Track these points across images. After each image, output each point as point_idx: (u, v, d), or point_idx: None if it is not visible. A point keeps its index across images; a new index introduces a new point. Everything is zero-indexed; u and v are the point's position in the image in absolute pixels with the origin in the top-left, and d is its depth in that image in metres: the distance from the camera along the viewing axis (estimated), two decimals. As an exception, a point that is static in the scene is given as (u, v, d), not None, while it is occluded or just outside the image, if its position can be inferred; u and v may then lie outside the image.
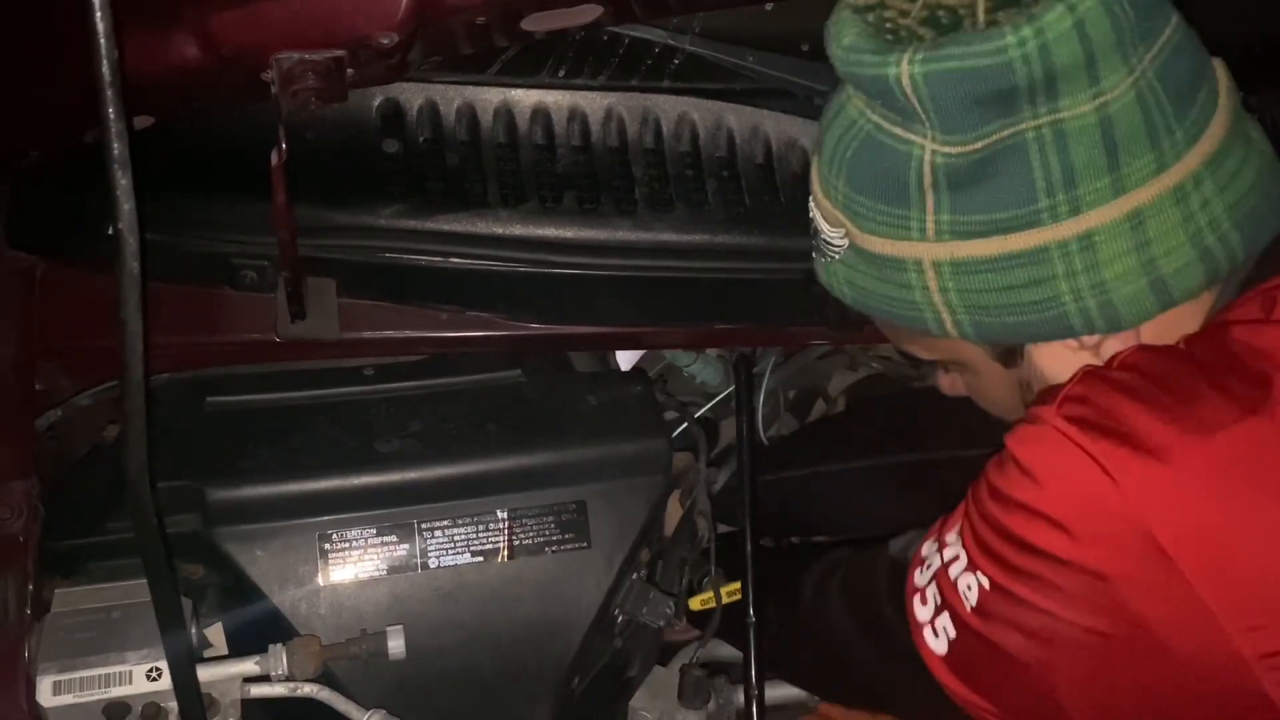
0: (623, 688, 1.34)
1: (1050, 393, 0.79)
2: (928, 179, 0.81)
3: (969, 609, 0.80)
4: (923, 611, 0.84)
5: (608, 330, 1.26)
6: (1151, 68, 0.78)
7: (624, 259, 1.18)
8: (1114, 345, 0.84)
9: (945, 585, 0.82)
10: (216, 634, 1.10)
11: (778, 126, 1.21)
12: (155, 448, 0.86)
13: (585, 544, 1.17)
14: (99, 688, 0.98)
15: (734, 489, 1.34)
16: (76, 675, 0.98)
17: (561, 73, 1.12)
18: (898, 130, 0.80)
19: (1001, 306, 0.83)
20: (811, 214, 0.91)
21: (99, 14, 0.72)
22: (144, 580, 0.93)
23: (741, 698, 1.26)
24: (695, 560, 1.31)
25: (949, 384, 1.00)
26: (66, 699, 0.98)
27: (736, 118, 1.20)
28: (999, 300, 0.82)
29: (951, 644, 0.82)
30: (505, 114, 1.14)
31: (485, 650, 1.15)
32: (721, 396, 1.51)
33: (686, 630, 1.36)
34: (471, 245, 1.15)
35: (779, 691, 1.31)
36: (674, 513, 1.32)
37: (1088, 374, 0.79)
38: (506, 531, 1.15)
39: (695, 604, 1.27)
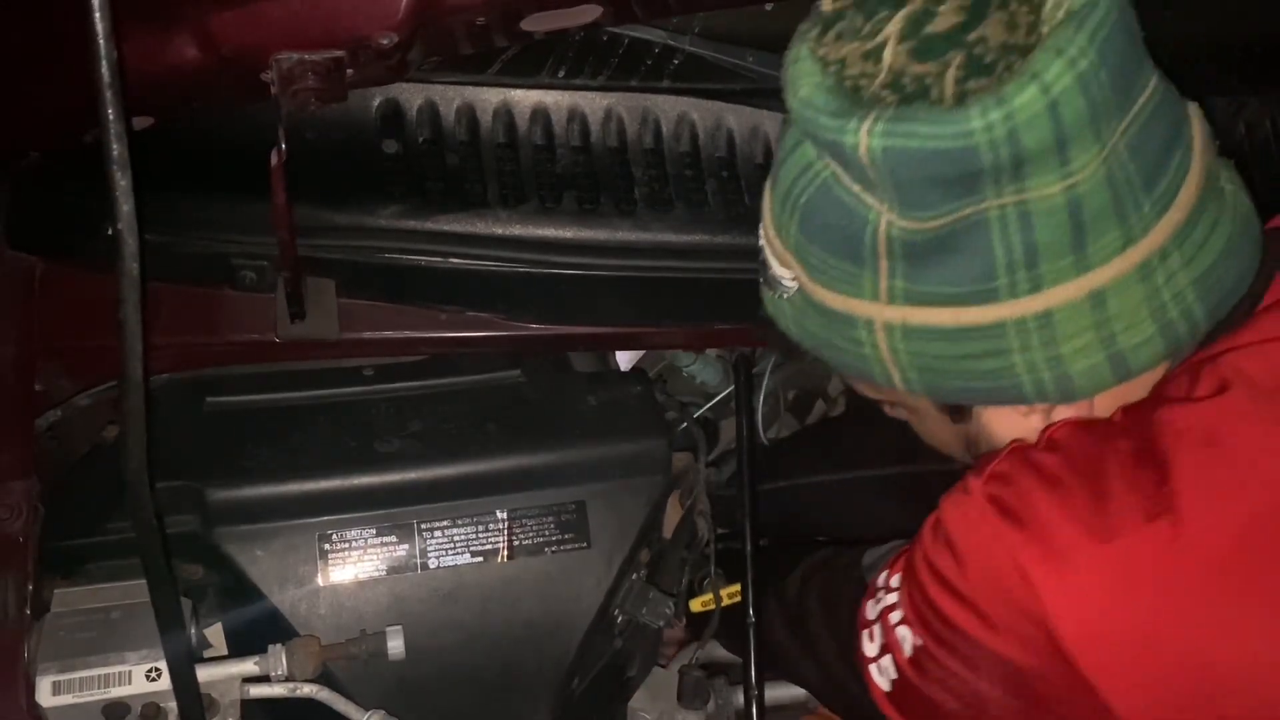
0: (622, 688, 1.34)
1: (986, 460, 0.80)
2: (882, 245, 0.77)
3: (905, 658, 0.83)
4: (869, 647, 0.87)
5: (608, 330, 1.26)
6: (1124, 140, 0.72)
7: (624, 259, 1.18)
8: (1065, 412, 0.82)
9: (887, 629, 0.85)
10: (216, 634, 1.10)
11: (777, 127, 1.21)
12: (155, 448, 0.86)
13: (585, 544, 1.17)
14: (98, 688, 0.98)
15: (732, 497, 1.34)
16: (76, 675, 0.99)
17: (561, 73, 1.12)
18: (855, 188, 0.76)
19: (953, 372, 0.80)
20: (761, 245, 0.86)
21: (98, 14, 0.72)
22: (143, 580, 0.93)
23: (741, 698, 1.26)
24: (695, 561, 1.31)
25: (891, 411, 0.96)
26: (66, 699, 0.98)
27: (736, 118, 1.20)
28: (950, 366, 0.80)
29: (893, 683, 0.85)
30: (505, 114, 1.14)
31: (485, 650, 1.15)
32: (721, 396, 1.51)
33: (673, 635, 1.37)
34: (471, 245, 1.15)
35: (779, 692, 1.31)
36: (674, 513, 1.32)
37: (1014, 451, 0.80)
38: (506, 532, 1.15)
39: (696, 605, 1.27)
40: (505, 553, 1.15)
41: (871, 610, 0.88)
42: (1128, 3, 0.72)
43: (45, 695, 0.97)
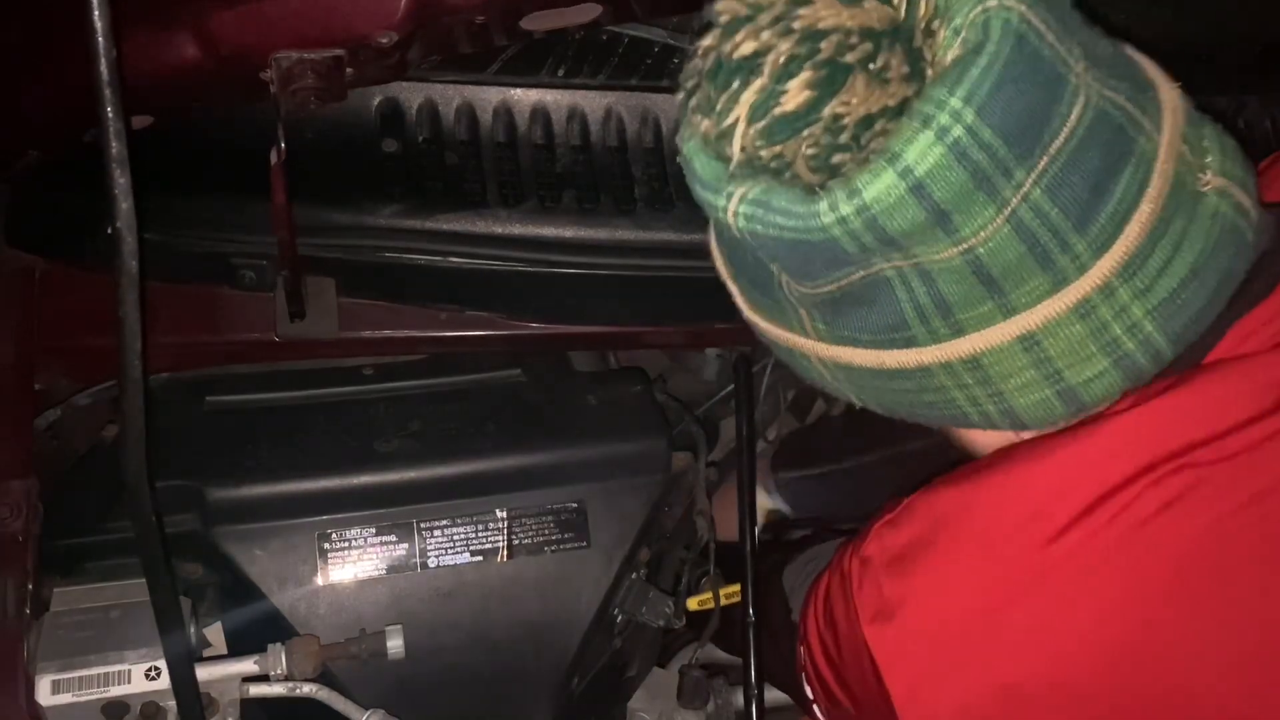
0: (622, 688, 1.34)
1: (862, 536, 0.79)
2: (792, 296, 0.74)
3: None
4: (807, 689, 0.90)
5: (608, 330, 1.26)
6: (1037, 188, 0.64)
7: (624, 258, 1.18)
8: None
9: (806, 680, 0.88)
10: (216, 633, 1.10)
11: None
12: (154, 447, 0.86)
13: (585, 544, 1.17)
14: (98, 687, 0.98)
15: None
16: (75, 674, 0.98)
17: (561, 72, 1.12)
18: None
19: (900, 403, 0.77)
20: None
21: (97, 13, 0.72)
22: (143, 579, 0.93)
23: (741, 699, 1.26)
24: (694, 560, 1.31)
25: None
26: (65, 698, 0.98)
27: (736, 117, 1.20)
28: (895, 399, 0.77)
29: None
30: (505, 113, 1.14)
31: (484, 650, 1.15)
32: (721, 396, 1.51)
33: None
34: (471, 245, 1.15)
35: (779, 693, 1.31)
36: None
37: (904, 508, 0.77)
38: (506, 531, 1.15)
39: (693, 604, 1.27)
40: (505, 552, 1.15)
41: (800, 655, 0.89)
42: (1042, 20, 0.64)
43: (45, 694, 0.97)
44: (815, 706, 0.90)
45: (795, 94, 0.64)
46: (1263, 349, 0.71)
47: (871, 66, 0.64)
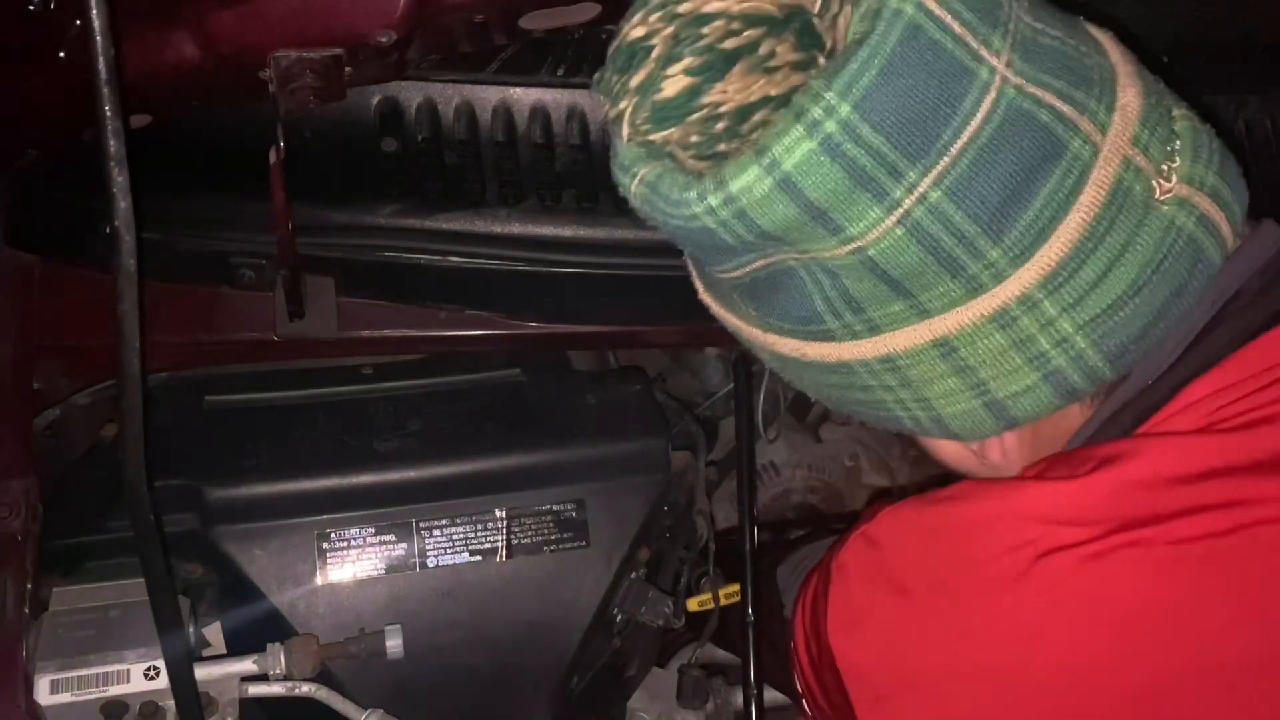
0: (621, 687, 1.34)
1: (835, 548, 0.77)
2: (722, 284, 0.73)
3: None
4: (800, 683, 0.88)
5: (607, 329, 1.26)
6: (936, 190, 0.60)
7: (623, 257, 1.18)
8: (995, 445, 0.74)
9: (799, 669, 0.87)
10: (215, 633, 1.10)
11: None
12: (153, 446, 0.86)
13: (584, 543, 1.17)
14: (97, 686, 0.98)
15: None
16: (74, 674, 0.98)
17: (560, 71, 1.12)
18: None
19: (835, 398, 0.74)
20: None
21: (95, 11, 0.72)
22: (142, 579, 0.93)
23: (740, 699, 1.26)
24: (694, 560, 1.31)
25: None
26: (64, 697, 0.98)
27: (735, 116, 1.20)
28: (829, 392, 0.74)
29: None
30: (504, 112, 1.14)
31: (484, 650, 1.15)
32: (720, 395, 1.51)
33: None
34: (470, 244, 1.15)
35: (778, 693, 1.31)
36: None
37: (880, 520, 0.74)
38: (505, 531, 1.15)
39: (693, 605, 1.27)
40: (504, 552, 1.15)
41: (793, 651, 0.89)
42: (947, 8, 0.60)
43: (44, 693, 0.97)
44: (805, 702, 0.90)
45: (674, 80, 0.63)
46: (1233, 421, 0.65)
47: (756, 54, 0.62)
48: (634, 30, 0.65)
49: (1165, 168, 0.65)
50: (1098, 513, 0.64)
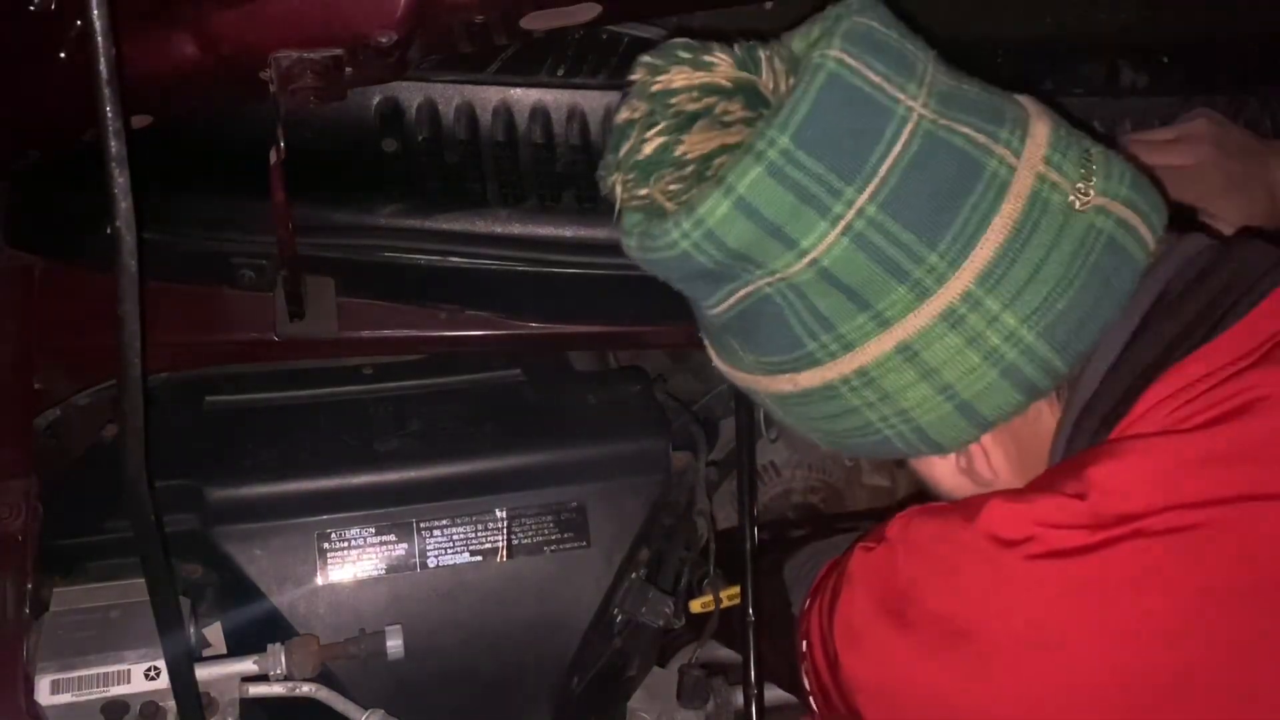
0: (622, 687, 1.34)
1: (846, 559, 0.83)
2: (715, 328, 0.84)
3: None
4: (806, 681, 0.92)
5: (608, 329, 1.26)
6: (872, 205, 0.72)
7: (623, 257, 1.17)
8: (979, 455, 0.82)
9: (805, 675, 0.91)
10: (215, 633, 1.10)
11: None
12: (154, 447, 0.86)
13: (584, 543, 1.17)
14: (97, 686, 0.98)
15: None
16: (75, 674, 0.98)
17: (561, 71, 1.12)
18: None
19: (834, 432, 0.83)
20: None
21: (96, 12, 0.72)
22: (143, 579, 0.93)
23: (740, 698, 1.26)
24: (695, 560, 1.31)
25: None
26: (65, 698, 0.98)
27: (736, 117, 1.20)
28: (828, 426, 0.83)
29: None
30: (504, 113, 1.14)
31: (484, 650, 1.15)
32: (718, 391, 1.51)
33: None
34: (471, 244, 1.15)
35: (778, 692, 1.31)
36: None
37: (894, 522, 0.80)
38: (505, 531, 1.15)
39: (696, 607, 1.27)
40: (504, 552, 1.15)
41: (800, 648, 0.91)
42: (863, 63, 0.72)
43: (44, 694, 0.97)
44: (811, 700, 0.91)
45: (651, 142, 0.76)
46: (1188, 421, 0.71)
47: (714, 114, 0.75)
48: (622, 115, 0.79)
49: (1081, 185, 0.76)
50: (1088, 518, 0.70)
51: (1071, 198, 0.75)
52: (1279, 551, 0.67)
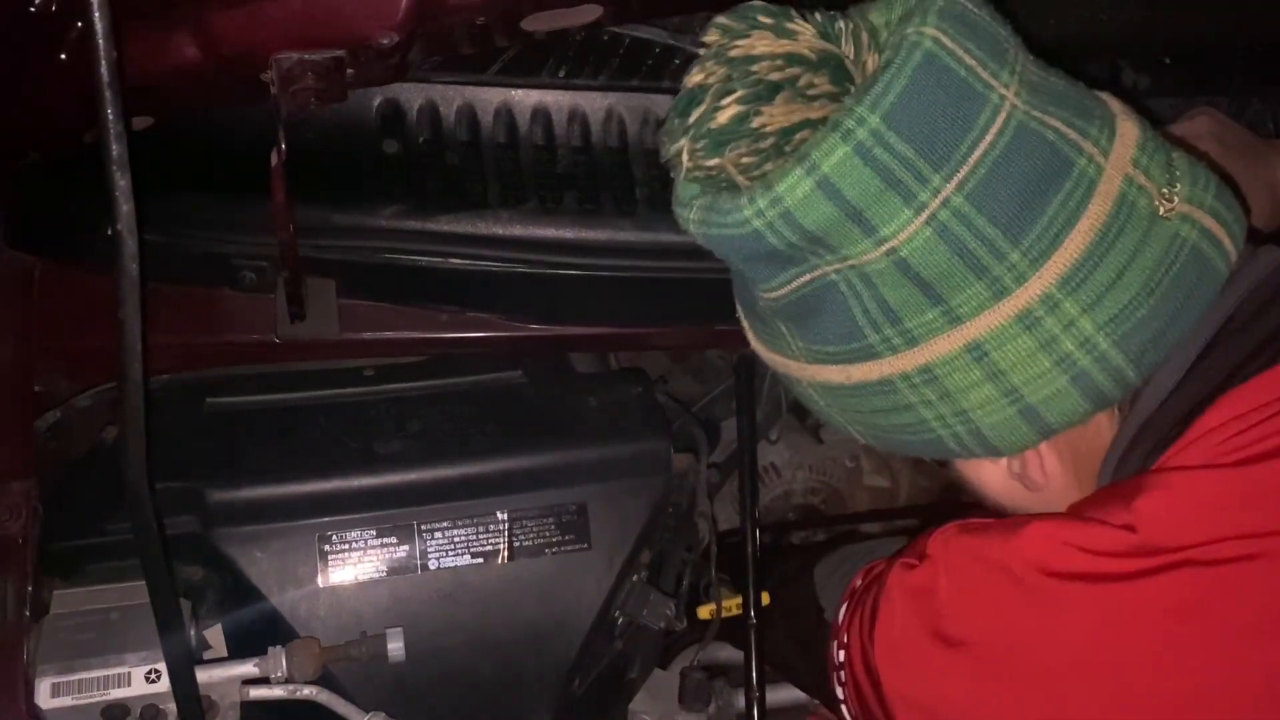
0: (623, 689, 1.34)
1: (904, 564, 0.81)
2: (768, 311, 0.80)
3: (852, 714, 0.88)
4: (839, 689, 0.90)
5: (608, 330, 1.26)
6: (959, 195, 0.68)
7: (624, 259, 1.18)
8: (1034, 461, 0.79)
9: (840, 684, 0.89)
10: (216, 636, 1.10)
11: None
12: (154, 449, 0.86)
13: (585, 545, 1.17)
14: (98, 689, 0.98)
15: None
16: (75, 677, 0.98)
17: (562, 73, 1.12)
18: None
19: (880, 426, 0.80)
20: None
21: (97, 14, 0.72)
22: (143, 582, 0.93)
23: (742, 700, 1.26)
24: (696, 562, 1.30)
25: None
26: (65, 700, 0.97)
27: (737, 118, 1.20)
28: (875, 420, 0.80)
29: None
30: (505, 114, 1.14)
31: (485, 652, 1.15)
32: (718, 392, 1.51)
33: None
34: (471, 246, 1.15)
35: (780, 694, 1.31)
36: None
37: (934, 539, 0.79)
38: (506, 533, 1.15)
39: (704, 614, 1.26)
40: (505, 554, 1.15)
41: (835, 655, 0.89)
42: (959, 45, 0.69)
43: (45, 697, 0.97)
44: (844, 708, 0.89)
45: (727, 109, 0.72)
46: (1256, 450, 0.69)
47: (797, 86, 0.71)
48: (694, 78, 0.75)
49: (1166, 190, 0.73)
50: (1134, 548, 0.68)
51: (1157, 203, 0.72)
52: None
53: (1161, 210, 0.72)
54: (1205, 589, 0.66)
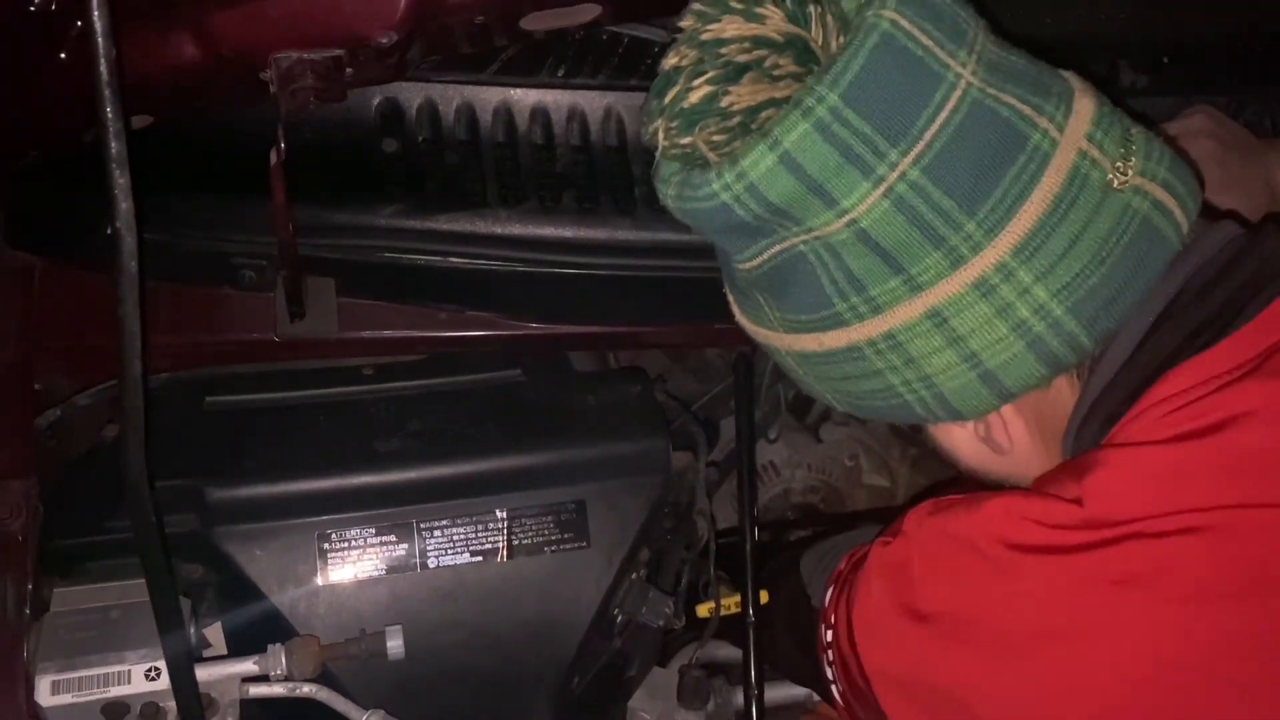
0: (622, 687, 1.34)
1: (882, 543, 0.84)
2: (744, 283, 0.83)
3: (841, 691, 0.91)
4: (828, 670, 0.92)
5: (608, 330, 1.26)
6: (915, 169, 0.72)
7: (624, 258, 1.18)
8: (998, 424, 0.82)
9: (829, 663, 0.91)
10: (215, 634, 1.10)
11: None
12: (154, 447, 0.86)
13: (585, 544, 1.17)
14: (98, 687, 0.98)
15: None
16: (75, 675, 0.98)
17: (561, 72, 1.12)
18: None
19: (854, 393, 0.83)
20: None
21: (97, 13, 0.72)
22: (143, 580, 0.93)
23: (740, 698, 1.26)
24: (695, 560, 1.31)
25: None
26: (65, 698, 0.98)
27: (736, 117, 1.20)
28: (848, 388, 0.83)
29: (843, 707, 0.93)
30: (504, 113, 1.14)
31: (484, 650, 1.15)
32: (717, 391, 1.51)
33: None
34: (471, 245, 1.15)
35: (778, 692, 1.31)
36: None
37: (910, 517, 0.81)
38: (506, 531, 1.15)
39: (703, 611, 1.27)
40: (505, 552, 1.15)
41: (824, 636, 0.92)
42: (916, 26, 0.72)
43: (45, 694, 0.97)
44: (834, 688, 0.92)
45: (698, 90, 0.76)
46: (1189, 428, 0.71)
47: (763, 67, 0.75)
48: (669, 61, 0.79)
49: (1121, 164, 0.76)
50: (1084, 521, 0.71)
51: (1110, 176, 0.75)
52: (1262, 556, 0.68)
53: (1115, 183, 0.75)
54: (1148, 560, 0.69)
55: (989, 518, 0.75)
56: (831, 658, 0.90)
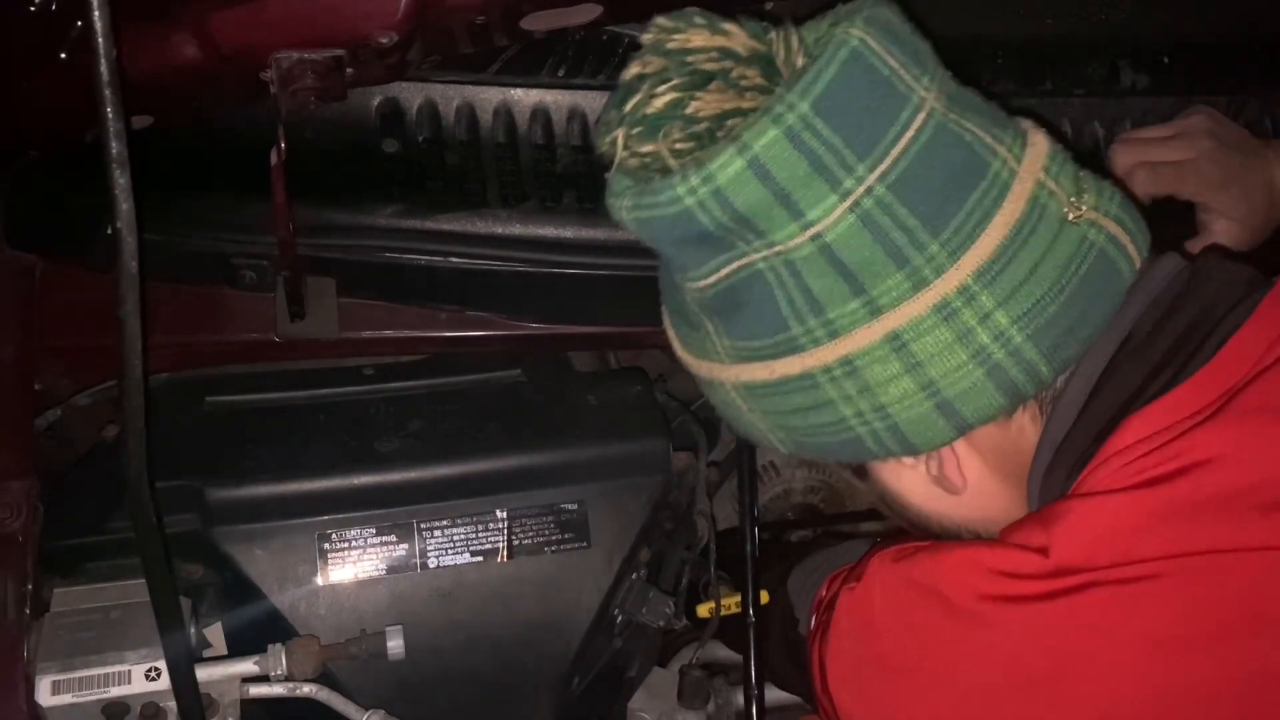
0: (622, 688, 1.34)
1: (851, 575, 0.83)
2: (694, 306, 0.81)
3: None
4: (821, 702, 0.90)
5: (608, 330, 1.26)
6: (881, 185, 0.72)
7: (624, 258, 1.18)
8: (951, 460, 0.82)
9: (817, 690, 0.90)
10: (216, 634, 1.10)
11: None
12: (154, 447, 0.86)
13: (585, 544, 1.17)
14: (98, 687, 0.98)
15: None
16: (75, 675, 0.98)
17: (561, 72, 1.12)
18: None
19: (800, 428, 0.81)
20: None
21: (97, 13, 0.72)
22: (143, 580, 0.93)
23: (741, 699, 1.26)
24: (696, 560, 1.31)
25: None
26: (65, 698, 0.98)
27: (736, 117, 1.20)
28: (795, 422, 0.81)
29: None
30: (505, 113, 1.14)
31: (485, 650, 1.15)
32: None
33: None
34: (471, 245, 1.15)
35: (779, 693, 1.31)
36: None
37: (873, 561, 0.80)
38: (506, 531, 1.15)
39: (703, 612, 1.27)
40: (505, 552, 1.15)
41: (815, 664, 0.90)
42: (883, 47, 0.72)
43: (45, 695, 0.97)
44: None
45: (663, 96, 0.75)
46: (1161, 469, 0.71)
47: (730, 76, 0.75)
48: (631, 71, 0.78)
49: (1075, 199, 0.77)
50: (1047, 570, 0.70)
51: (1066, 209, 0.76)
52: (1226, 600, 0.67)
53: (1070, 215, 0.76)
54: (1114, 607, 0.68)
55: (956, 567, 0.74)
56: (819, 688, 0.90)
